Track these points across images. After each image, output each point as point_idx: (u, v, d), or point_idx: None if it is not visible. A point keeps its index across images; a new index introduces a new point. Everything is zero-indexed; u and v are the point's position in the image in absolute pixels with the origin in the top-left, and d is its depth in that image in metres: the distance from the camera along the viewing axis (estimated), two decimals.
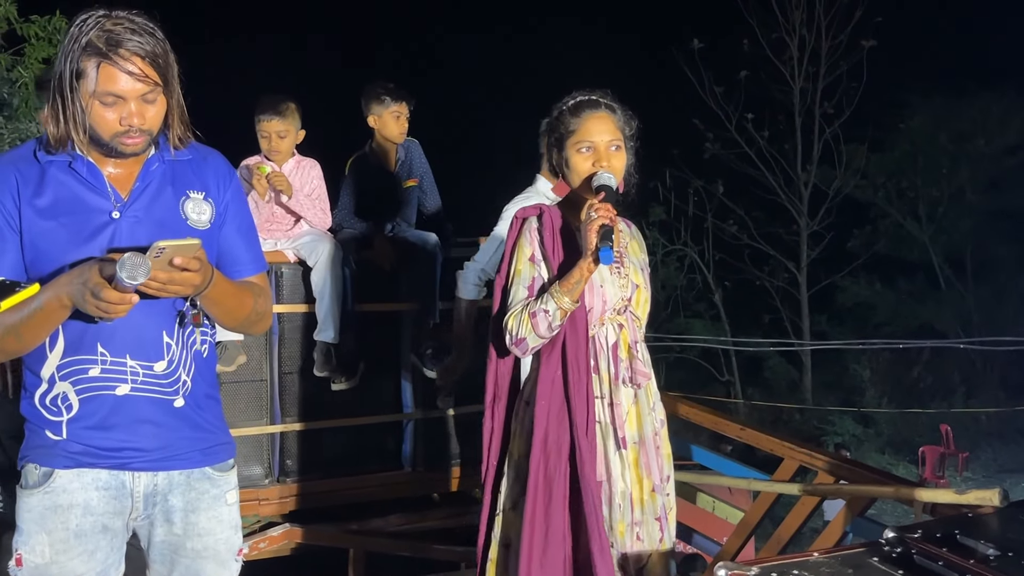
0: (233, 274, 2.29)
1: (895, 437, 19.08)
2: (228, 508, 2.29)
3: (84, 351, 2.09)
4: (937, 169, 21.37)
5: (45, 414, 2.13)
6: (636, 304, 2.84)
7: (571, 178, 2.80)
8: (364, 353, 4.48)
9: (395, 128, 4.64)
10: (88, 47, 1.98)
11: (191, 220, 2.17)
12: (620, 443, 2.75)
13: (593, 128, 2.76)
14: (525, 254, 2.81)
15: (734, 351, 21.58)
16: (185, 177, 2.20)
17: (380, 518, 4.56)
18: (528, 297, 2.76)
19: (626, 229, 2.94)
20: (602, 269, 2.73)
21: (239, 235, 2.30)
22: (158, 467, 2.17)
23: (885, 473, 3.99)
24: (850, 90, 19.83)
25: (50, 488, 2.13)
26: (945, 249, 21.75)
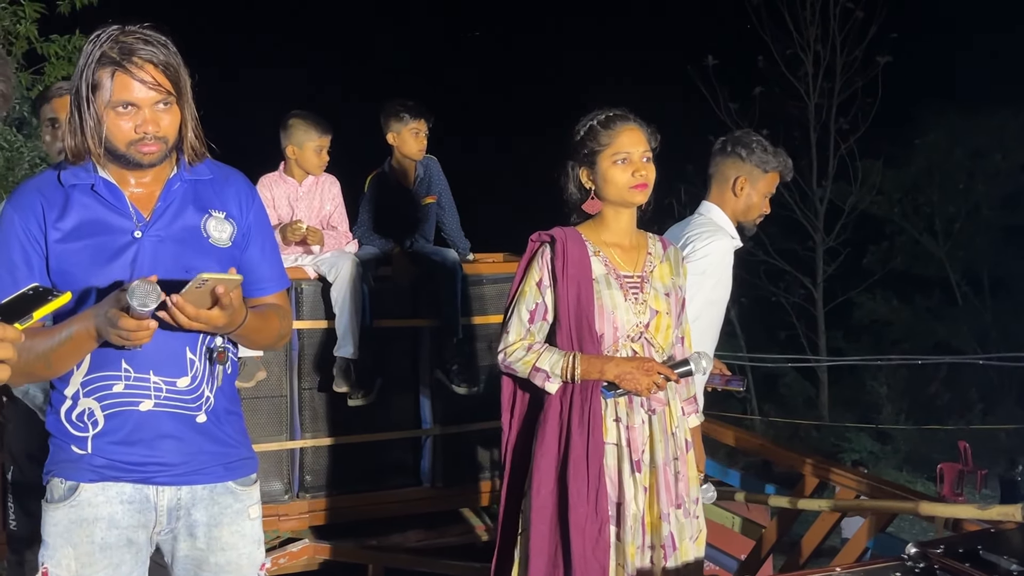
0: (255, 292, 2.32)
1: (912, 454, 18.94)
2: (251, 523, 2.30)
3: (108, 367, 2.12)
4: (953, 185, 21.28)
5: (71, 430, 2.15)
6: (656, 330, 2.82)
7: (607, 191, 2.81)
8: (383, 369, 4.50)
9: (414, 145, 4.67)
10: (102, 59, 2.04)
11: (212, 238, 2.20)
12: (635, 466, 2.75)
13: (627, 140, 2.79)
14: (533, 278, 2.84)
15: (750, 367, 21.50)
16: (207, 196, 2.23)
17: (399, 534, 4.57)
18: (529, 322, 2.81)
19: (658, 251, 2.93)
20: (614, 294, 2.77)
21: (262, 255, 2.33)
22: (181, 481, 2.19)
23: (906, 489, 3.98)
24: (865, 106, 19.77)
25: (75, 502, 2.15)
26: (962, 265, 21.63)
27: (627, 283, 2.82)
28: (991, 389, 19.80)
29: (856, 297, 21.83)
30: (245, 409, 4.33)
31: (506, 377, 2.95)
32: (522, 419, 2.96)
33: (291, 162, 4.54)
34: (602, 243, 2.86)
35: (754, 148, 3.57)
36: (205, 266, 2.10)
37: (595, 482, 2.70)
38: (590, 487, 2.70)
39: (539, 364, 2.77)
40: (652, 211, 2.97)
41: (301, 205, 4.52)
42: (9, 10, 9.12)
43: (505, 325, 2.88)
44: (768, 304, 22.17)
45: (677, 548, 2.77)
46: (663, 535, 2.76)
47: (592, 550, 2.68)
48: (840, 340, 21.92)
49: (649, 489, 2.76)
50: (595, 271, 2.80)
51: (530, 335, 2.83)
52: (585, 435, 2.73)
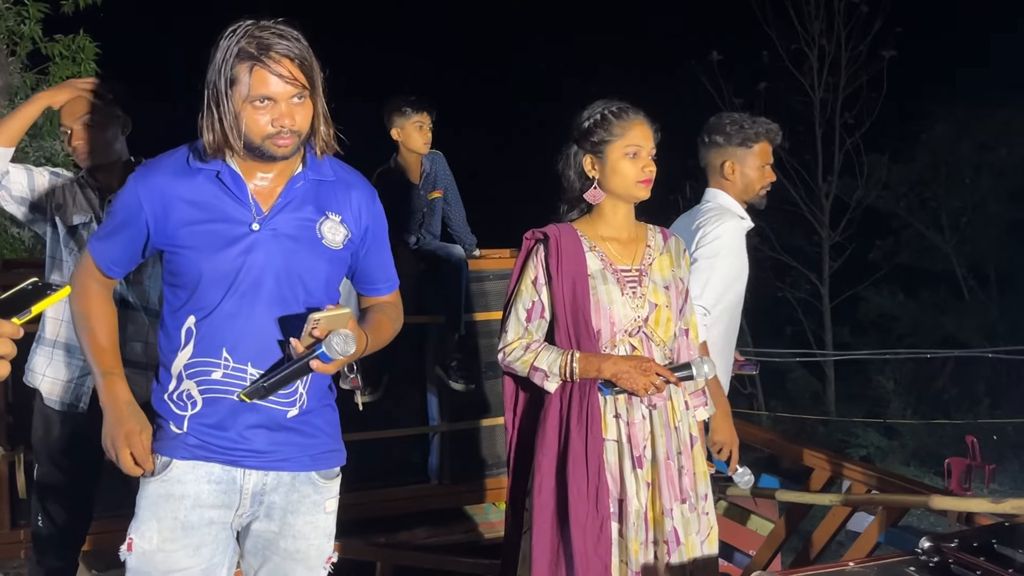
0: (371, 292, 2.46)
1: (920, 449, 18.91)
2: (326, 516, 2.35)
3: (210, 354, 2.18)
4: (960, 179, 21.26)
5: (173, 408, 2.22)
6: (656, 324, 2.79)
7: (613, 183, 2.79)
8: (389, 366, 4.49)
9: (418, 139, 4.66)
10: (240, 54, 2.07)
11: (326, 240, 2.25)
12: (636, 462, 2.73)
13: (639, 134, 2.78)
14: (529, 276, 2.84)
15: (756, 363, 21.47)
16: (327, 198, 2.27)
17: (407, 531, 4.56)
18: (527, 320, 2.81)
19: (657, 243, 2.90)
20: (611, 289, 2.75)
21: (379, 259, 2.42)
22: (268, 467, 2.24)
23: (918, 483, 3.96)
24: (871, 100, 19.74)
25: (167, 477, 2.21)
26: (968, 259, 21.60)
27: (624, 277, 2.79)
28: (998, 383, 19.77)
29: (862, 292, 21.80)
30: None
31: (507, 376, 2.94)
32: (524, 417, 2.95)
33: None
34: (598, 237, 2.84)
35: (729, 130, 3.56)
36: (314, 265, 2.21)
37: (595, 479, 2.69)
38: (590, 484, 2.69)
39: (537, 363, 2.76)
40: (657, 207, 2.95)
41: None
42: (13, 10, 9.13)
43: (503, 324, 2.88)
44: (774, 300, 22.14)
45: (682, 543, 2.75)
46: (666, 530, 2.73)
47: (594, 548, 2.67)
48: (846, 335, 21.91)
49: (652, 485, 2.74)
50: (590, 267, 2.78)
51: (528, 334, 2.82)
52: (584, 432, 2.72)
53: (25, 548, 3.77)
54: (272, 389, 2.12)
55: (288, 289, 2.19)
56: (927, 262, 21.89)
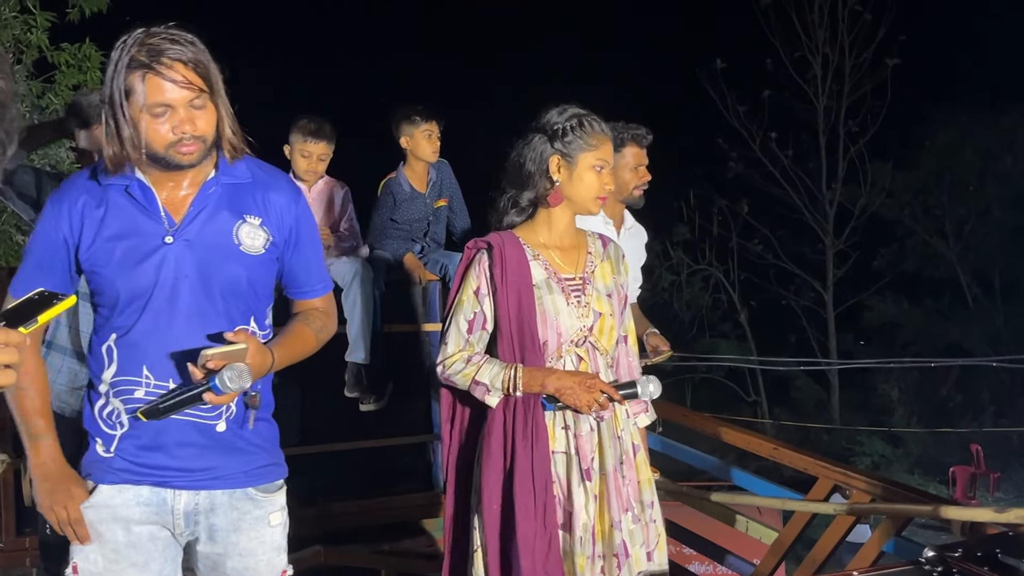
0: (299, 295, 2.35)
1: (924, 457, 18.89)
2: (271, 529, 2.26)
3: (132, 372, 2.12)
4: (964, 186, 21.26)
5: (103, 427, 2.16)
6: (600, 333, 2.73)
7: (574, 191, 2.73)
8: (393, 374, 4.50)
9: (427, 147, 4.67)
10: (132, 63, 2.01)
11: (244, 245, 2.17)
12: (584, 475, 2.67)
13: (608, 151, 2.75)
14: (471, 286, 2.75)
15: (760, 371, 21.47)
16: (243, 201, 2.19)
17: (411, 539, 4.57)
18: (468, 332, 2.73)
19: (598, 250, 2.85)
20: (556, 299, 2.69)
21: (307, 261, 2.32)
22: (199, 486, 2.17)
23: (922, 492, 3.95)
24: (874, 108, 19.80)
25: (93, 502, 2.16)
26: (973, 267, 21.58)
27: (568, 286, 2.73)
28: (1003, 391, 19.74)
29: (866, 300, 21.80)
30: None
31: (445, 389, 2.85)
32: (463, 432, 2.87)
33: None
34: (540, 245, 2.77)
35: None
36: (232, 273, 2.13)
37: (542, 495, 2.63)
38: (536, 500, 2.62)
39: (479, 377, 2.67)
40: (660, 213, 2.94)
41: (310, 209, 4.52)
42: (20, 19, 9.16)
43: (443, 336, 2.77)
44: (778, 307, 22.15)
45: (630, 555, 2.70)
46: (615, 543, 2.68)
47: (543, 565, 2.59)
48: (851, 343, 21.91)
49: (599, 497, 2.69)
50: (535, 276, 2.71)
51: (469, 345, 2.73)
52: (529, 448, 2.65)
53: (31, 556, 3.78)
54: (167, 412, 2.03)
55: (207, 301, 2.12)
56: (931, 270, 21.88)
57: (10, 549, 3.99)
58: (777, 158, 20.55)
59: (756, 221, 21.43)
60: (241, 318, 2.17)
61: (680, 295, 22.21)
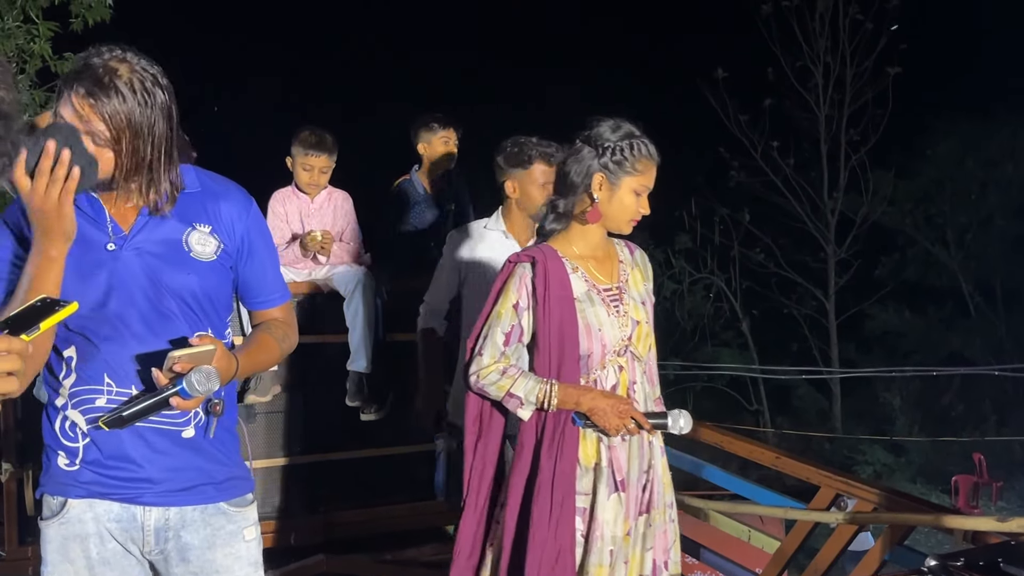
0: (256, 306, 2.31)
1: (927, 466, 18.85)
2: (246, 544, 2.23)
3: (92, 381, 2.09)
4: (965, 195, 21.25)
5: (63, 439, 2.13)
6: (637, 341, 2.77)
7: (611, 211, 2.76)
8: (397, 383, 4.50)
9: (444, 154, 4.74)
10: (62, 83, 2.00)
11: (195, 252, 2.14)
12: (619, 486, 2.71)
13: (652, 176, 2.77)
14: (510, 300, 2.77)
15: (762, 380, 21.46)
16: (192, 209, 2.16)
17: (414, 548, 4.57)
18: (504, 344, 2.75)
19: (628, 257, 2.89)
20: (598, 311, 2.73)
21: (262, 269, 2.28)
22: (169, 501, 2.14)
23: (923, 501, 3.96)
24: (876, 117, 19.78)
25: (64, 519, 2.12)
26: (975, 276, 21.56)
27: (608, 296, 2.77)
28: (1005, 400, 19.71)
29: (868, 308, 21.78)
30: (260, 423, 4.38)
31: (473, 396, 2.87)
32: (488, 439, 2.89)
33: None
34: (577, 257, 2.80)
35: (507, 152, 3.73)
36: (184, 279, 2.11)
37: (558, 508, 2.66)
38: (552, 513, 2.66)
39: (514, 390, 2.71)
40: (663, 223, 2.96)
41: (313, 221, 4.53)
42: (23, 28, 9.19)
43: (478, 347, 2.79)
44: (780, 316, 22.13)
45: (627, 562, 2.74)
46: (625, 553, 2.73)
47: (550, 572, 2.64)
48: (853, 352, 21.87)
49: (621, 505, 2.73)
50: (576, 290, 2.75)
51: (504, 358, 2.77)
52: (553, 460, 2.69)
53: (33, 565, 3.78)
54: (131, 420, 2.00)
55: (163, 306, 2.10)
56: (933, 278, 21.86)
57: (12, 558, 3.99)
58: (779, 167, 20.55)
59: (758, 230, 21.43)
60: (198, 325, 2.13)
61: (682, 304, 22.21)
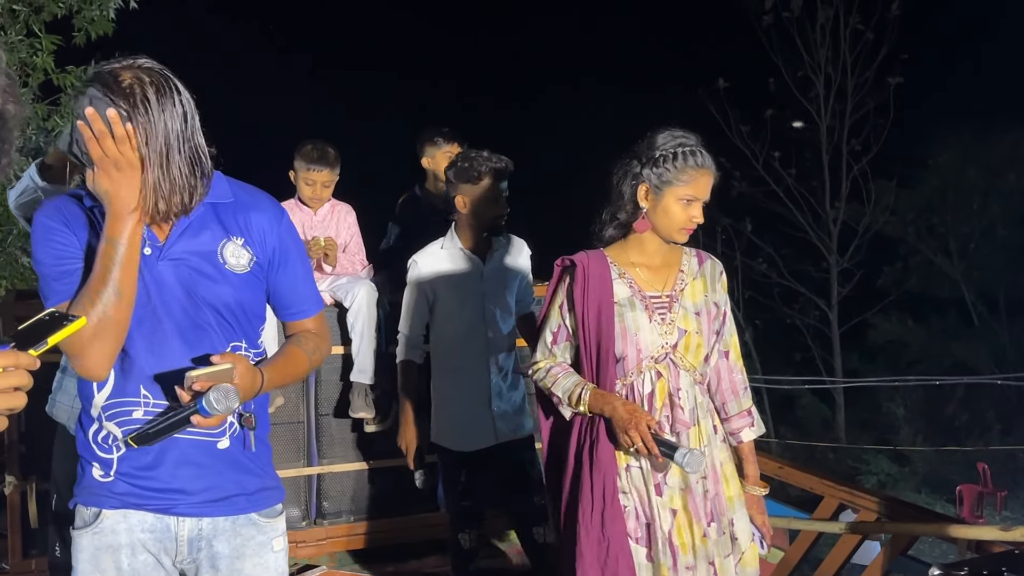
0: (289, 317, 2.31)
1: (931, 476, 18.83)
2: (274, 555, 2.25)
3: (128, 393, 2.10)
4: (968, 205, 21.28)
5: (98, 451, 2.14)
6: (685, 350, 2.78)
7: (659, 221, 2.77)
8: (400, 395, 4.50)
9: None
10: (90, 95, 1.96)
11: (229, 264, 2.14)
12: (656, 489, 2.74)
13: (703, 184, 2.76)
14: (557, 301, 2.90)
15: (766, 390, 21.45)
16: (227, 220, 2.17)
17: (417, 560, 4.55)
18: (552, 343, 2.89)
19: (692, 267, 2.90)
20: (638, 316, 2.76)
21: (294, 280, 2.28)
22: (202, 512, 2.16)
23: (927, 510, 3.95)
24: (877, 127, 19.83)
25: (99, 528, 2.14)
26: (977, 285, 21.57)
27: (654, 303, 2.79)
28: (1009, 409, 19.68)
29: (871, 318, 21.79)
30: None
31: (539, 391, 2.98)
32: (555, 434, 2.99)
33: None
34: (629, 264, 2.84)
35: (457, 168, 3.76)
36: (220, 290, 2.11)
37: (600, 504, 2.73)
38: (595, 510, 2.74)
39: (554, 389, 2.83)
40: None
41: (316, 233, 4.54)
42: (26, 42, 9.22)
43: (533, 344, 2.97)
44: (783, 326, 22.14)
45: (713, 565, 2.76)
46: (708, 553, 2.75)
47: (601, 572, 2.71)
48: (856, 361, 21.88)
49: (683, 510, 2.75)
50: (618, 294, 2.79)
51: (552, 356, 2.90)
52: (590, 459, 2.77)
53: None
54: (156, 437, 2.00)
55: (198, 319, 2.10)
56: (936, 288, 21.87)
57: (16, 571, 4.00)
58: (780, 177, 20.59)
59: (760, 240, 21.46)
60: (233, 337, 2.15)
61: None
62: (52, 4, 8.83)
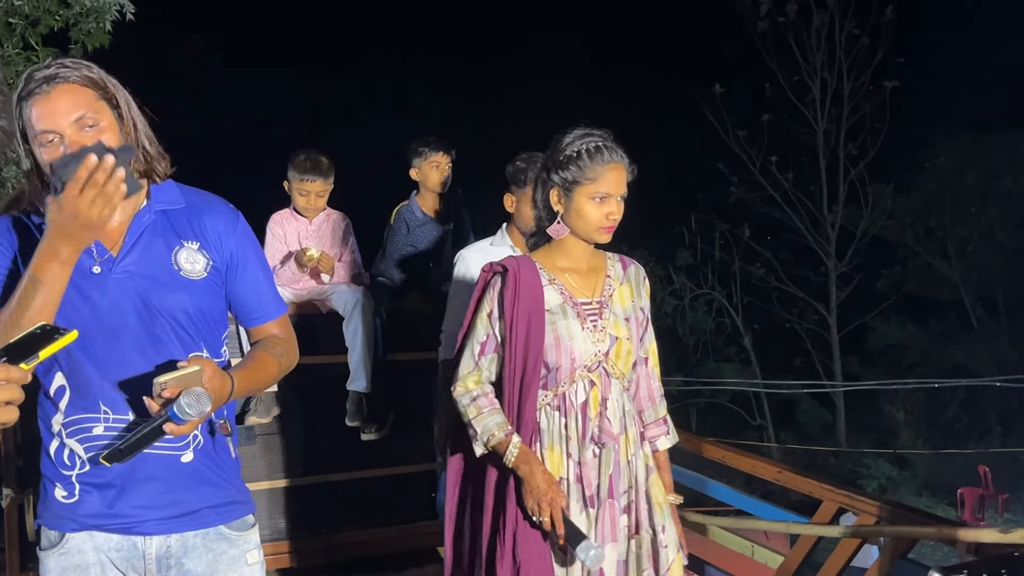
0: (251, 322, 2.26)
1: (932, 479, 18.79)
2: (249, 568, 2.18)
3: (87, 409, 2.03)
4: (965, 208, 21.28)
5: (59, 469, 2.08)
6: (616, 357, 2.70)
7: (575, 224, 2.71)
8: (397, 403, 4.50)
9: (435, 178, 4.75)
10: (20, 98, 1.93)
11: (184, 271, 2.09)
12: (588, 502, 2.67)
13: (611, 179, 2.67)
14: (484, 310, 2.76)
15: (766, 394, 21.44)
16: (179, 226, 2.11)
17: (416, 568, 4.54)
18: (479, 355, 2.74)
19: (617, 272, 2.83)
20: (571, 323, 2.68)
21: (253, 283, 2.22)
22: (169, 528, 2.09)
23: (927, 513, 3.93)
24: (874, 131, 19.85)
25: (64, 549, 2.08)
26: (976, 288, 21.57)
27: (585, 310, 2.71)
28: (1010, 412, 19.67)
29: (870, 322, 21.78)
30: (260, 445, 4.37)
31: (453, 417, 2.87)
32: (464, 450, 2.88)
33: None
34: (557, 269, 2.76)
35: (510, 168, 3.78)
36: (177, 299, 2.06)
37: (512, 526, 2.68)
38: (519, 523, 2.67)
39: (474, 422, 2.70)
40: (663, 239, 2.92)
41: (311, 242, 4.54)
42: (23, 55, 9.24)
43: (457, 355, 2.81)
44: (782, 330, 22.13)
45: None
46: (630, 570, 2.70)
47: None
48: (855, 365, 21.86)
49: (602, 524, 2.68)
50: (549, 301, 2.70)
51: (478, 369, 2.75)
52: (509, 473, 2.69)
53: None
54: (129, 452, 1.92)
55: (156, 328, 2.04)
56: (935, 291, 21.87)
57: None
58: (778, 182, 20.60)
59: (758, 245, 21.47)
60: (193, 346, 2.09)
61: (684, 320, 22.20)
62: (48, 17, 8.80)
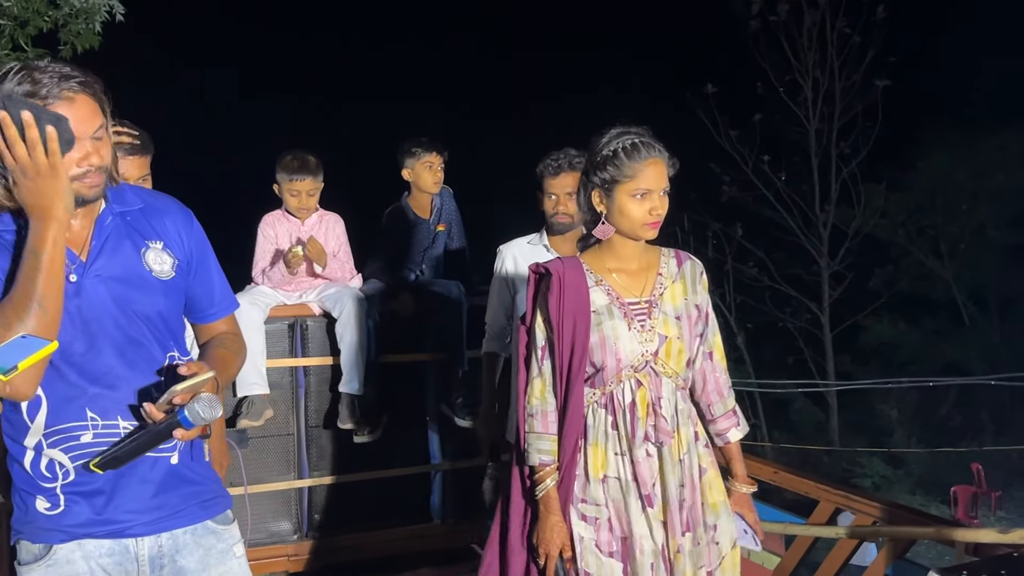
0: (204, 319, 2.28)
1: (925, 477, 18.83)
2: (237, 561, 2.22)
3: (72, 417, 2.00)
4: (957, 206, 21.34)
5: (38, 481, 2.04)
6: (666, 357, 2.69)
7: (619, 222, 2.70)
8: (391, 405, 4.47)
9: (428, 178, 4.74)
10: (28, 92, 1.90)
11: (155, 271, 2.09)
12: (645, 501, 2.67)
13: (651, 175, 2.66)
14: (540, 315, 2.78)
15: (759, 394, 21.44)
16: (141, 227, 2.12)
17: (410, 571, 4.53)
18: (541, 359, 2.76)
19: (671, 270, 2.81)
20: (617, 324, 2.68)
21: (210, 280, 2.26)
22: (159, 528, 2.10)
23: (924, 513, 3.92)
24: (866, 130, 19.85)
25: (52, 561, 2.03)
26: (968, 286, 21.63)
27: (632, 310, 2.70)
28: (1002, 410, 19.72)
29: (863, 320, 21.81)
30: (252, 448, 4.35)
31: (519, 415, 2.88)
32: None
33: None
34: (605, 270, 2.76)
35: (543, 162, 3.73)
36: (151, 300, 2.07)
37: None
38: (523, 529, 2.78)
39: (528, 436, 2.75)
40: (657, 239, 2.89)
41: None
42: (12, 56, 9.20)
43: (527, 363, 2.82)
44: (775, 329, 22.14)
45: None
46: (681, 568, 2.68)
47: None
48: (848, 364, 21.88)
49: (665, 524, 2.68)
50: (596, 302, 2.70)
51: (542, 375, 2.76)
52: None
53: None
54: (126, 459, 1.93)
55: (133, 331, 2.04)
56: (927, 289, 21.92)
57: None
58: (770, 181, 20.61)
59: (751, 244, 21.46)
60: (168, 347, 2.11)
61: None
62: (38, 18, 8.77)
